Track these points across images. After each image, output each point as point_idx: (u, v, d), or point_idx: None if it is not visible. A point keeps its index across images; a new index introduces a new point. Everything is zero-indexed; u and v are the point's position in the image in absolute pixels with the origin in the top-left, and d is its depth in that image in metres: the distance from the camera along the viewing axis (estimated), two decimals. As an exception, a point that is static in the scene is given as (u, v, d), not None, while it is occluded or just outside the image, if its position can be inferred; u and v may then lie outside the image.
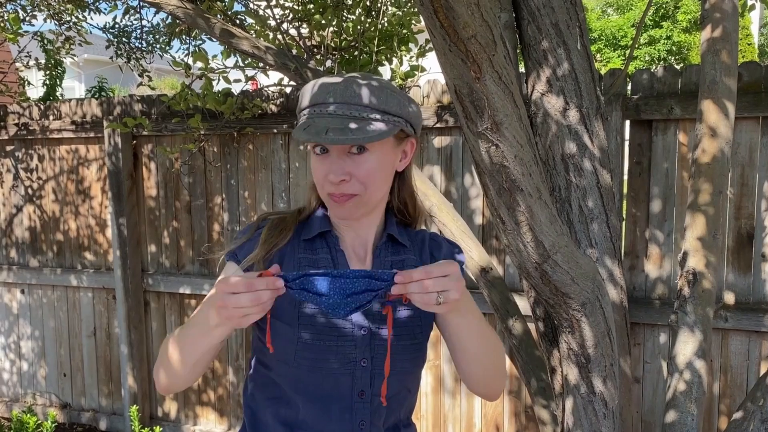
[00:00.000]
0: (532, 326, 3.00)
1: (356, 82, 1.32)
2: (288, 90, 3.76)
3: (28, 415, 3.78)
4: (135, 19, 4.76)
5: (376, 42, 3.35)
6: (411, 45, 3.52)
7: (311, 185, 1.46)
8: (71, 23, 4.70)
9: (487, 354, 1.43)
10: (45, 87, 6.17)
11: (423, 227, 1.57)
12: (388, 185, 1.41)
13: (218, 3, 3.59)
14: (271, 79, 3.78)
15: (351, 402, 1.39)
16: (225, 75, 3.48)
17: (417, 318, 1.45)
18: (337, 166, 1.32)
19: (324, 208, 1.46)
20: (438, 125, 3.46)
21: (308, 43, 3.56)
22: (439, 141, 3.52)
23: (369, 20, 3.42)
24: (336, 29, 3.44)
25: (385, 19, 3.46)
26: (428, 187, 3.01)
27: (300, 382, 1.38)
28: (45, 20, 4.54)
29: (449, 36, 1.33)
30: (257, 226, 1.43)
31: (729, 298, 3.09)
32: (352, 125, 1.28)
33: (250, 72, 3.59)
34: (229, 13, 3.60)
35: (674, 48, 18.22)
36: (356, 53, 3.42)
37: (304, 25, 3.60)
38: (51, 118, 4.38)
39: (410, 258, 1.48)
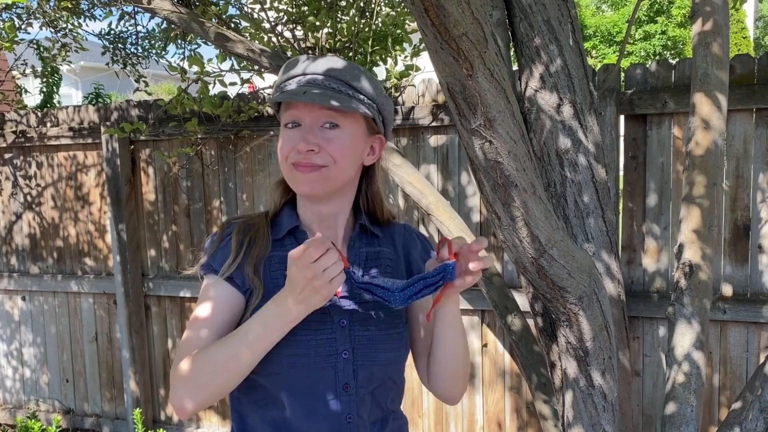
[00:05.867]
0: (531, 322, 3.02)
1: (337, 59, 1.36)
2: (284, 92, 3.76)
3: (32, 421, 3.79)
4: (130, 25, 4.77)
5: (370, 42, 3.36)
6: (405, 45, 3.54)
7: (274, 186, 1.48)
8: (67, 30, 4.71)
9: (463, 349, 1.49)
10: (42, 94, 6.19)
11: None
12: (355, 171, 1.41)
13: (212, 7, 3.61)
14: (267, 82, 3.79)
15: (336, 396, 1.39)
16: (221, 78, 3.49)
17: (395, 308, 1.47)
18: (308, 136, 1.34)
19: (292, 205, 1.47)
20: (434, 124, 3.47)
21: (303, 45, 3.57)
22: (435, 140, 3.53)
23: (363, 21, 3.43)
24: (330, 30, 3.45)
25: (379, 19, 3.47)
26: (425, 186, 3.03)
27: (283, 380, 1.37)
28: (41, 28, 4.55)
29: (440, 34, 1.34)
30: (223, 233, 1.43)
31: (727, 290, 3.11)
32: (330, 93, 1.31)
33: (245, 75, 3.61)
34: (224, 16, 3.62)
35: (669, 43, 18.24)
36: (351, 54, 3.44)
37: (299, 27, 3.61)
38: (48, 125, 4.39)
39: (384, 250, 1.49)
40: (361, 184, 1.48)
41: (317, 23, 3.37)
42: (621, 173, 3.26)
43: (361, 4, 3.44)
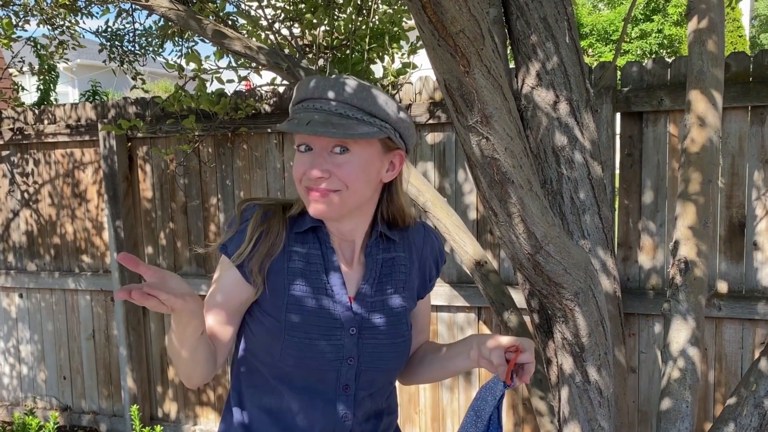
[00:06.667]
0: (527, 319, 3.02)
1: (347, 81, 1.33)
2: (281, 89, 3.78)
3: (30, 418, 3.79)
4: (127, 23, 4.77)
5: (367, 40, 3.37)
6: (402, 42, 3.54)
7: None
8: (64, 27, 4.70)
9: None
10: (39, 92, 6.18)
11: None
12: (371, 191, 1.40)
13: (210, 4, 3.61)
14: (264, 79, 3.80)
15: (335, 396, 1.40)
16: (218, 76, 3.49)
17: (404, 315, 1.47)
18: (318, 162, 1.32)
19: None
20: (431, 122, 3.48)
21: (300, 43, 3.58)
22: (432, 137, 3.54)
23: (360, 19, 3.44)
24: (328, 28, 3.46)
25: (377, 17, 3.47)
26: (422, 183, 3.04)
27: (285, 375, 1.39)
28: (38, 25, 4.55)
29: (438, 31, 1.35)
30: (242, 216, 1.41)
31: (722, 286, 3.12)
32: (335, 120, 1.29)
33: (242, 72, 3.61)
34: (221, 14, 3.62)
35: (665, 41, 18.26)
36: (348, 52, 3.44)
37: (296, 25, 3.61)
38: (46, 122, 4.39)
39: (400, 255, 1.49)
40: (382, 197, 1.46)
41: (314, 21, 3.37)
42: (617, 170, 3.27)
43: (359, 2, 3.44)
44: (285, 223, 1.42)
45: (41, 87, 6.16)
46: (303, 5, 3.47)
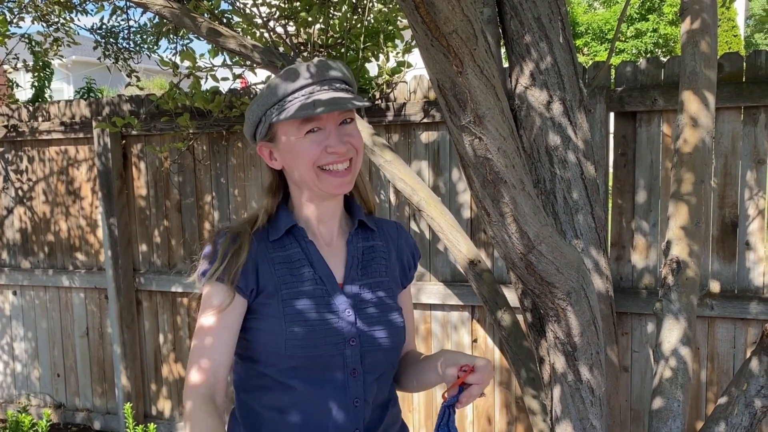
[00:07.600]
0: (520, 318, 3.04)
1: (329, 62, 1.43)
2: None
3: (23, 415, 3.79)
4: (122, 20, 4.79)
5: (362, 39, 3.37)
6: (397, 41, 3.54)
7: (265, 194, 1.51)
8: (59, 24, 4.70)
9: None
10: (33, 89, 6.17)
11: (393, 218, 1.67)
12: None
13: (205, 2, 3.61)
14: (259, 77, 3.80)
15: (344, 381, 1.44)
16: (213, 73, 3.49)
17: (391, 293, 1.53)
18: (339, 136, 1.40)
19: (284, 205, 1.50)
20: (425, 120, 3.48)
21: (295, 41, 3.58)
22: (426, 136, 3.54)
23: (355, 17, 3.44)
24: (322, 26, 3.46)
25: (371, 15, 3.48)
26: (416, 182, 3.04)
27: (293, 369, 1.42)
28: (32, 22, 4.54)
29: (431, 31, 1.35)
30: (216, 243, 1.44)
31: (714, 286, 3.13)
32: (344, 95, 1.39)
33: (237, 70, 3.61)
34: (216, 11, 3.62)
35: (661, 41, 18.28)
36: (343, 50, 3.44)
37: (291, 23, 3.61)
38: (40, 119, 4.39)
39: (378, 244, 1.57)
40: None
41: (309, 19, 3.37)
42: (610, 170, 3.28)
43: (353, 0, 3.45)
44: (253, 240, 1.46)
45: (36, 84, 6.14)
46: (298, 3, 3.47)
